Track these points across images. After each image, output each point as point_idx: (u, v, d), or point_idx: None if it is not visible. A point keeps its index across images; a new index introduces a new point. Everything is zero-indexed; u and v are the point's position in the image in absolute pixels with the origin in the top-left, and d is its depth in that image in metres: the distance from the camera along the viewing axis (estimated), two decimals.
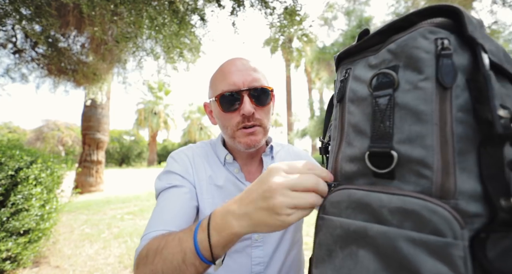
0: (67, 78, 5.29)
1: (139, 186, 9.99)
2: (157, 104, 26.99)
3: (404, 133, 0.31)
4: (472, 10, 6.05)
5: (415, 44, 0.32)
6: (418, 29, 0.32)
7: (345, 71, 0.42)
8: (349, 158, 0.37)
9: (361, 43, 0.40)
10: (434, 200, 0.28)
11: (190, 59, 4.99)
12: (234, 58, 0.72)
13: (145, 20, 3.19)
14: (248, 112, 0.65)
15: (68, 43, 4.82)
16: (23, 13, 3.28)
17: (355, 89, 0.39)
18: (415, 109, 0.31)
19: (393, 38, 0.35)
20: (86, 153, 8.12)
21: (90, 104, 7.73)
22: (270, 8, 3.30)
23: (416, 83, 0.31)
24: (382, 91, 0.34)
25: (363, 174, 0.36)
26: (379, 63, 0.36)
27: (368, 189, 0.33)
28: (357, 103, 0.38)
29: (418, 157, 0.30)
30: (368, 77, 0.36)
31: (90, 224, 4.56)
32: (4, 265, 2.32)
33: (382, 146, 0.33)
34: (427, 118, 0.30)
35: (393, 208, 0.30)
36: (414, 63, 0.32)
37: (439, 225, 0.27)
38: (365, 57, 0.39)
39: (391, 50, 0.35)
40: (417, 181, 0.30)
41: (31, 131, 22.30)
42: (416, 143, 0.30)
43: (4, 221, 2.32)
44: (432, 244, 0.26)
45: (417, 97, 0.31)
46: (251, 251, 0.69)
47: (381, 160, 0.33)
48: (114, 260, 3.09)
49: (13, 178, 2.46)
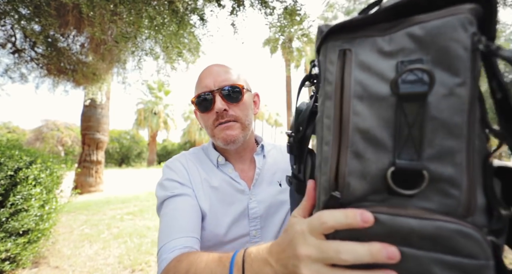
0: (66, 78, 5.28)
1: (139, 186, 9.99)
2: (157, 104, 26.99)
3: (435, 148, 0.27)
4: None
5: (455, 36, 0.25)
6: (457, 15, 0.26)
7: (341, 52, 0.31)
8: (361, 173, 0.29)
9: (368, 17, 0.30)
10: (466, 224, 0.26)
11: (190, 60, 4.99)
12: (210, 64, 0.79)
13: (144, 20, 3.18)
14: (219, 109, 0.71)
15: (67, 43, 4.81)
16: (22, 12, 3.27)
17: (365, 83, 0.29)
18: (450, 120, 0.26)
19: (416, 19, 0.27)
20: (86, 153, 8.12)
21: (90, 104, 7.73)
22: (270, 8, 3.29)
23: (453, 89, 0.26)
24: (412, 93, 0.26)
25: (375, 192, 0.29)
26: (395, 51, 0.28)
27: (391, 211, 0.28)
28: (369, 102, 0.29)
29: (448, 176, 0.26)
30: (383, 69, 0.28)
31: (89, 224, 4.55)
32: (4, 265, 2.31)
33: (412, 163, 0.27)
34: (460, 133, 0.26)
35: (426, 235, 0.26)
36: (450, 61, 0.26)
37: (473, 248, 0.25)
38: (370, 37, 0.30)
39: (416, 36, 0.27)
40: (442, 200, 0.27)
41: (31, 131, 22.29)
42: (447, 160, 0.26)
43: (3, 221, 2.32)
44: (468, 267, 0.25)
45: (452, 106, 0.26)
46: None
47: (407, 179, 0.27)
48: (113, 260, 3.09)
49: (12, 178, 2.46)
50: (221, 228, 0.70)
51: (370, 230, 0.28)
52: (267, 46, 16.22)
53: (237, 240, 0.70)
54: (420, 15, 0.27)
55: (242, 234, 0.71)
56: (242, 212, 0.72)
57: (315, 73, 0.40)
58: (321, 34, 0.33)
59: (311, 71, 0.41)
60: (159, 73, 5.08)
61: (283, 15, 3.31)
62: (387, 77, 0.28)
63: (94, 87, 5.97)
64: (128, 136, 27.85)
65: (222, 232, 0.70)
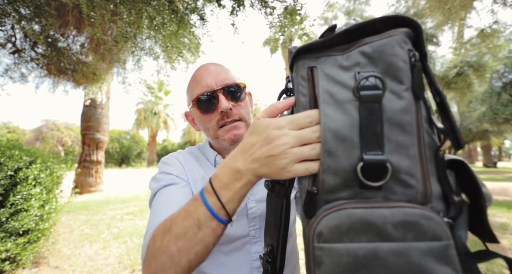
0: (66, 78, 5.28)
1: (139, 186, 9.99)
2: (157, 104, 27.01)
3: (392, 143, 0.32)
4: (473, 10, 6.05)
5: (394, 52, 0.33)
6: (393, 36, 0.33)
7: (308, 69, 0.38)
8: (334, 170, 0.33)
9: (326, 40, 0.37)
10: (426, 208, 0.30)
11: (190, 59, 4.98)
12: (204, 64, 0.76)
13: (144, 20, 3.18)
14: (226, 108, 0.69)
15: (67, 43, 4.81)
16: (22, 13, 3.27)
17: (331, 90, 0.35)
18: (401, 119, 0.32)
19: (365, 40, 0.35)
20: (86, 153, 8.12)
21: (90, 104, 7.73)
22: (270, 8, 3.29)
23: (400, 93, 0.32)
24: (370, 97, 0.32)
25: (347, 186, 0.33)
26: (352, 65, 0.35)
27: (366, 205, 0.31)
28: (336, 106, 0.34)
29: (406, 167, 0.31)
30: (344, 79, 0.34)
31: (89, 224, 4.55)
32: (4, 265, 2.31)
33: (377, 157, 0.31)
34: (411, 129, 0.32)
35: (397, 222, 0.30)
36: (394, 72, 0.33)
37: (437, 230, 0.29)
38: (330, 56, 0.37)
39: (366, 53, 0.34)
40: (404, 190, 0.31)
41: (31, 131, 22.29)
42: (403, 153, 0.31)
43: (3, 221, 2.32)
44: (436, 249, 0.29)
45: (402, 107, 0.32)
46: (250, 248, 0.70)
47: (373, 172, 0.31)
48: (113, 260, 3.09)
49: (12, 178, 2.46)
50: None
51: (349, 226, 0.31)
52: (267, 46, 16.23)
53: (236, 240, 0.70)
54: (367, 38, 0.35)
55: (241, 235, 0.70)
56: (240, 211, 0.72)
57: (290, 88, 0.46)
58: (291, 55, 0.40)
59: (286, 86, 0.46)
60: (159, 73, 5.07)
61: (283, 15, 3.31)
62: (348, 84, 0.34)
63: (94, 87, 5.96)
64: (128, 136, 27.85)
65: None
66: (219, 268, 0.68)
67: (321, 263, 0.31)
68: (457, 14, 5.45)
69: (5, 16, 3.31)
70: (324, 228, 0.31)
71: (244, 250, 0.70)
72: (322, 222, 0.32)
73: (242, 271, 0.68)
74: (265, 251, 0.54)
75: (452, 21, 5.95)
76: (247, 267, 0.69)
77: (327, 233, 0.31)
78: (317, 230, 0.32)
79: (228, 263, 0.68)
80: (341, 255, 0.30)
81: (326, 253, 0.31)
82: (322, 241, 0.31)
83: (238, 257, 0.69)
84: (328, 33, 0.39)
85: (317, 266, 0.31)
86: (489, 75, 11.55)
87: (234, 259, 0.69)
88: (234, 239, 0.70)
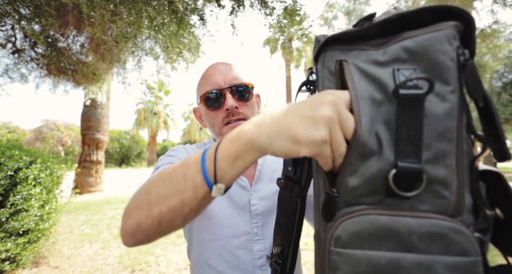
0: (66, 78, 5.28)
1: (139, 186, 9.97)
2: (157, 104, 26.99)
3: (432, 151, 0.29)
4: (473, 10, 6.06)
5: (442, 48, 0.29)
6: (443, 30, 0.29)
7: (337, 63, 0.34)
8: (361, 173, 0.30)
9: (362, 30, 0.33)
10: (456, 221, 0.28)
11: (190, 60, 4.98)
12: (215, 63, 0.78)
13: (144, 20, 3.18)
14: (231, 106, 0.70)
15: (67, 43, 4.81)
16: (22, 13, 3.27)
17: (366, 88, 0.31)
18: (443, 124, 0.29)
19: (408, 34, 0.30)
20: (86, 153, 8.12)
21: (90, 104, 7.73)
22: (270, 8, 3.29)
23: (445, 95, 0.29)
24: (411, 97, 0.28)
25: (372, 192, 0.30)
26: (389, 60, 0.31)
27: (391, 213, 0.29)
28: (372, 106, 0.31)
29: (441, 177, 0.29)
30: (380, 76, 0.31)
31: (89, 224, 4.56)
32: (4, 265, 2.31)
33: (413, 165, 0.28)
34: (451, 136, 0.29)
35: (423, 233, 0.28)
36: (440, 71, 0.29)
37: (465, 245, 0.27)
38: (364, 50, 0.33)
39: (408, 48, 0.30)
40: (435, 201, 0.29)
41: (31, 131, 22.28)
42: (440, 162, 0.29)
43: (3, 221, 2.32)
44: (464, 265, 0.27)
45: (445, 111, 0.29)
46: (252, 246, 0.70)
47: (406, 181, 0.28)
48: (113, 260, 3.09)
49: (12, 178, 2.46)
50: (223, 218, 0.70)
51: (371, 233, 0.29)
52: (267, 46, 16.23)
53: (239, 237, 0.70)
54: (411, 31, 0.30)
55: (244, 232, 0.70)
56: (243, 208, 0.72)
57: (312, 80, 0.42)
58: (319, 44, 0.35)
59: (308, 78, 0.42)
60: (159, 73, 5.08)
61: (283, 15, 3.31)
62: (386, 82, 0.30)
63: (94, 87, 5.96)
64: (128, 136, 27.85)
65: (223, 224, 0.70)
66: (223, 263, 0.69)
67: (336, 269, 0.29)
68: None
69: (5, 16, 3.31)
70: (343, 232, 0.30)
71: (246, 249, 0.70)
72: (341, 226, 0.30)
73: (245, 269, 0.69)
74: (275, 251, 0.52)
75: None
76: (250, 266, 0.69)
77: (346, 238, 0.29)
78: (335, 234, 0.30)
79: (231, 260, 0.69)
80: (360, 262, 0.28)
81: (344, 259, 0.29)
82: (340, 246, 0.30)
83: (241, 255, 0.69)
84: (364, 22, 0.34)
85: (332, 271, 0.30)
86: (489, 75, 11.56)
87: (237, 256, 0.69)
88: (236, 235, 0.70)
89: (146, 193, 0.41)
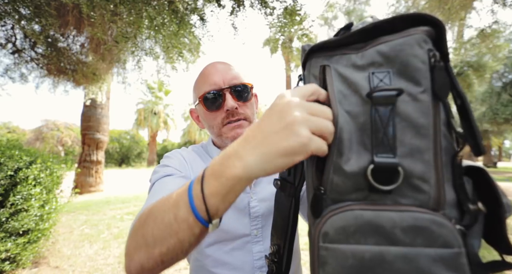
0: (66, 78, 5.27)
1: (139, 186, 9.99)
2: (157, 104, 27.00)
3: (406, 147, 0.30)
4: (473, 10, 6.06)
5: (413, 52, 0.31)
6: (413, 35, 0.32)
7: (321, 68, 0.37)
8: (344, 171, 0.32)
9: (342, 39, 0.36)
10: (438, 214, 0.29)
11: (190, 60, 4.98)
12: (213, 62, 0.77)
13: (144, 20, 3.18)
14: (231, 107, 0.69)
15: (67, 43, 4.81)
16: (22, 12, 3.27)
17: (344, 91, 0.34)
18: (416, 122, 0.30)
19: (383, 39, 0.33)
20: (86, 153, 8.12)
21: (90, 104, 7.72)
22: (270, 8, 3.29)
23: (416, 95, 0.31)
24: (384, 99, 0.31)
25: (356, 188, 0.32)
26: (366, 64, 0.33)
27: (374, 208, 0.31)
28: (349, 107, 0.34)
29: (419, 172, 0.30)
30: (357, 79, 0.33)
31: (89, 224, 4.56)
32: (4, 265, 2.31)
33: (389, 161, 0.30)
34: (426, 133, 0.30)
35: (406, 226, 0.29)
36: (411, 73, 0.31)
37: (448, 237, 0.28)
38: (345, 55, 0.36)
39: (382, 52, 0.33)
40: (415, 195, 0.30)
41: (31, 131, 22.28)
42: (417, 157, 0.30)
43: (3, 221, 2.32)
44: (447, 257, 0.28)
45: (417, 109, 0.31)
46: (252, 247, 0.70)
47: (384, 175, 0.30)
48: (113, 260, 3.09)
49: (12, 178, 2.46)
50: (222, 222, 0.69)
51: (357, 228, 0.30)
52: (267, 46, 16.22)
53: (238, 239, 0.70)
54: (386, 36, 0.33)
55: (243, 233, 0.70)
56: (243, 210, 0.72)
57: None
58: (305, 52, 0.38)
59: (298, 84, 0.45)
60: (159, 73, 5.07)
61: (283, 15, 3.31)
62: (362, 85, 0.33)
63: (94, 87, 5.96)
64: (128, 136, 27.85)
65: (222, 227, 0.68)
66: (221, 266, 0.68)
67: (325, 263, 0.31)
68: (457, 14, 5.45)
69: (5, 16, 3.31)
70: (330, 228, 0.31)
71: (246, 250, 0.70)
72: (328, 222, 0.32)
73: (244, 271, 0.68)
74: (271, 250, 0.53)
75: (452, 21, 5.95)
76: (249, 267, 0.69)
77: (332, 234, 0.31)
78: (322, 230, 0.32)
79: (230, 262, 0.68)
80: (346, 256, 0.30)
81: (331, 253, 0.31)
82: (328, 241, 0.31)
83: (240, 256, 0.69)
84: (343, 31, 0.37)
85: (321, 266, 0.31)
86: (489, 75, 11.56)
87: (236, 258, 0.69)
88: (235, 238, 0.70)
89: (142, 236, 0.40)
